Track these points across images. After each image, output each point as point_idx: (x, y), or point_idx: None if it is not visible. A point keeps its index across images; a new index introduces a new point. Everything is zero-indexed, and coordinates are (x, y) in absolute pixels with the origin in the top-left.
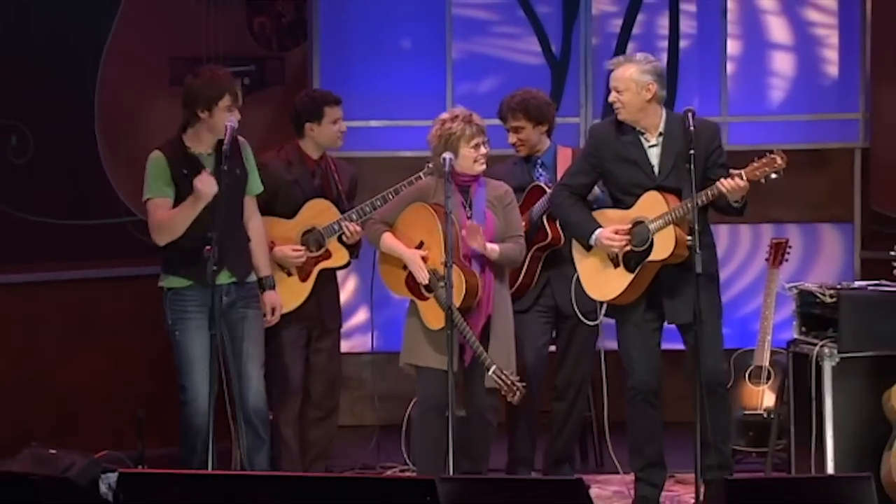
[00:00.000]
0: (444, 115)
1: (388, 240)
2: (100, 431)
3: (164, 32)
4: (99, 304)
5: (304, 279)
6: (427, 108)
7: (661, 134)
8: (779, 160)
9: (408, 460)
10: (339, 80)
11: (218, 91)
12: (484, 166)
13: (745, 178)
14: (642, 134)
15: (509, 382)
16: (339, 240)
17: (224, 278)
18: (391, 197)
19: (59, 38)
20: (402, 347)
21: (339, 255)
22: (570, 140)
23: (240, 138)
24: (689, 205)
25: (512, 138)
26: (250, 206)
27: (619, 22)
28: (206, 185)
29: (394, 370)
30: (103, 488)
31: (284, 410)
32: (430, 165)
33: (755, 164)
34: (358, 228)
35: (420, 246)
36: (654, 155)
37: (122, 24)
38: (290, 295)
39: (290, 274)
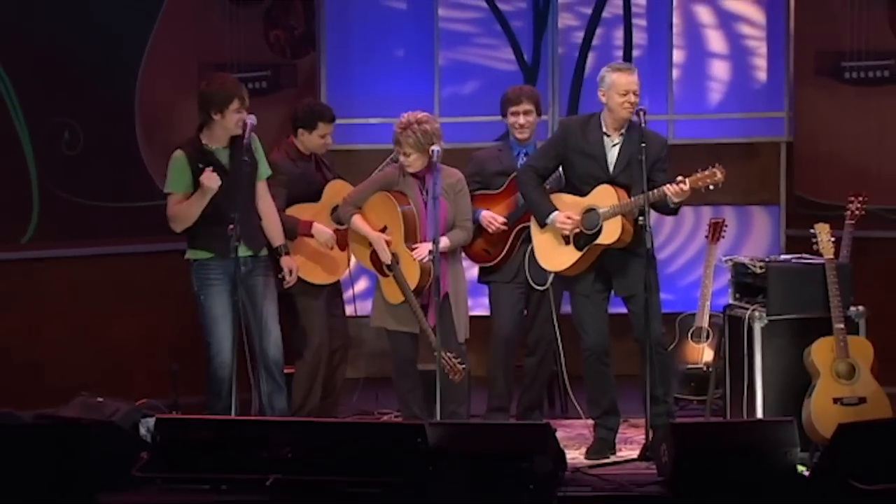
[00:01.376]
0: (402, 119)
1: (357, 221)
2: (140, 382)
3: (194, 43)
4: (137, 274)
5: (343, 249)
6: (418, 108)
7: (621, 135)
8: (718, 174)
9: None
10: (343, 83)
11: (228, 96)
12: (420, 166)
13: (688, 185)
14: (608, 135)
15: (452, 364)
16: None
17: (242, 251)
18: (375, 184)
19: (106, 47)
20: (372, 311)
21: None
22: (540, 135)
23: (252, 133)
24: (637, 200)
25: (521, 119)
26: (262, 189)
27: (581, 34)
28: (211, 180)
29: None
30: (143, 431)
31: (308, 364)
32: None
33: (698, 175)
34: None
35: (384, 230)
36: (612, 154)
37: (159, 36)
38: (334, 267)
39: (331, 248)
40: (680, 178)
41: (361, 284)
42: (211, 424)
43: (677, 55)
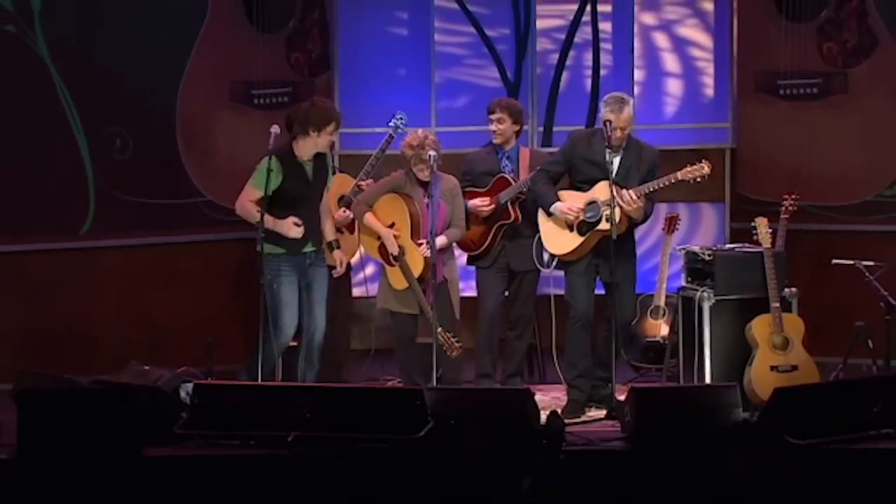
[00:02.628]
0: (408, 139)
1: (369, 218)
2: (180, 353)
3: (226, 63)
4: (178, 261)
5: (352, 232)
6: (417, 119)
7: (622, 149)
8: (706, 168)
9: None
10: (354, 98)
11: (328, 118)
12: (428, 175)
13: (679, 177)
14: (609, 148)
15: (450, 343)
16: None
17: (308, 247)
18: (374, 163)
19: (152, 67)
20: (378, 295)
21: None
22: (520, 141)
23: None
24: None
25: (493, 126)
26: (328, 193)
27: (556, 56)
28: (294, 231)
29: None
30: (183, 395)
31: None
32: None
33: (688, 168)
34: (369, 182)
35: (392, 226)
36: (615, 163)
37: (197, 57)
38: (349, 249)
39: (342, 232)
40: (672, 174)
41: (370, 269)
42: (241, 389)
43: (638, 74)
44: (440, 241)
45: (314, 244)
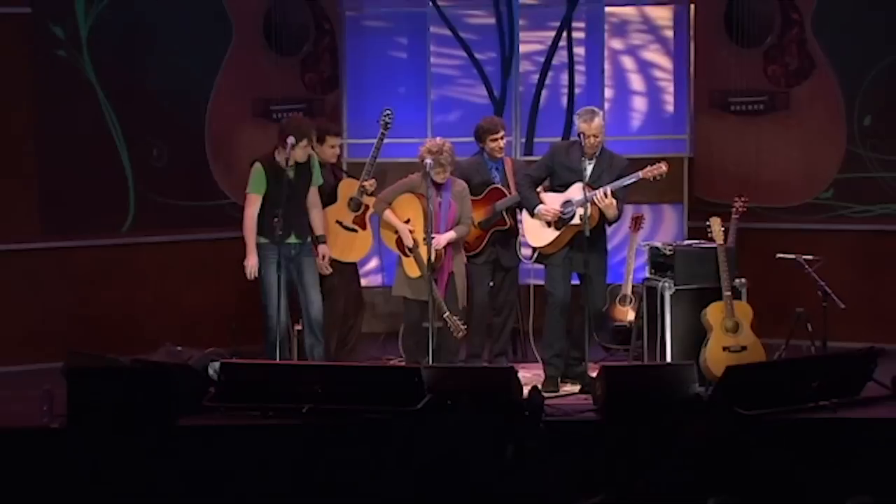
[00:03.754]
0: (428, 145)
1: (388, 214)
2: (208, 336)
3: (248, 83)
4: (206, 256)
5: (363, 227)
6: (415, 132)
7: (595, 157)
8: (664, 167)
9: (402, 355)
10: (359, 113)
11: (301, 133)
12: (445, 178)
13: (641, 175)
14: (585, 155)
15: (457, 325)
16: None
17: (292, 239)
18: (372, 161)
19: (184, 86)
20: (394, 283)
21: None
22: (507, 152)
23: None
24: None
25: (501, 143)
26: (313, 194)
27: (536, 76)
28: (249, 271)
29: (395, 298)
30: (211, 372)
31: (329, 319)
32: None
33: (649, 168)
34: (372, 182)
35: (408, 222)
36: (588, 169)
37: (223, 78)
38: (362, 245)
39: (356, 230)
40: (635, 173)
41: (372, 263)
42: (261, 367)
43: (608, 92)
44: (449, 235)
45: (298, 237)
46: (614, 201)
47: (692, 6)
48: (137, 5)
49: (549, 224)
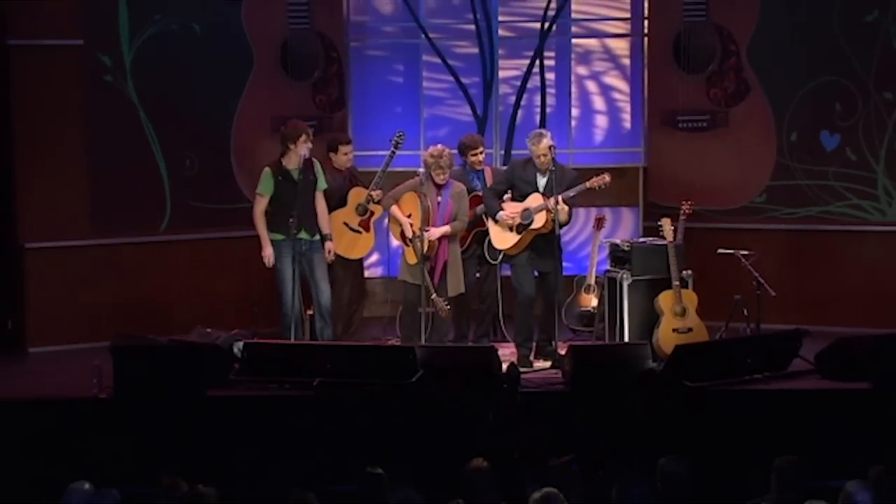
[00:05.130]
0: (430, 151)
1: (394, 210)
2: (233, 319)
3: (268, 102)
4: (231, 251)
5: (367, 230)
6: (409, 145)
7: (548, 171)
8: (607, 178)
9: (399, 336)
10: (362, 129)
11: (298, 133)
12: (446, 180)
13: (588, 184)
14: (538, 170)
15: (440, 306)
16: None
17: (304, 236)
18: (382, 176)
19: (213, 104)
20: (399, 269)
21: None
22: (487, 162)
23: (313, 159)
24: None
25: (481, 157)
26: (319, 197)
27: (513, 97)
28: (267, 261)
29: (393, 286)
30: (236, 350)
31: (337, 307)
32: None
33: (594, 179)
34: (378, 192)
35: (410, 216)
36: (541, 181)
37: (245, 100)
38: (365, 245)
39: (360, 232)
40: (582, 183)
41: (373, 258)
42: (278, 346)
43: (574, 111)
44: (443, 229)
45: (308, 233)
46: (566, 207)
47: (646, 38)
48: (173, 39)
49: (511, 229)
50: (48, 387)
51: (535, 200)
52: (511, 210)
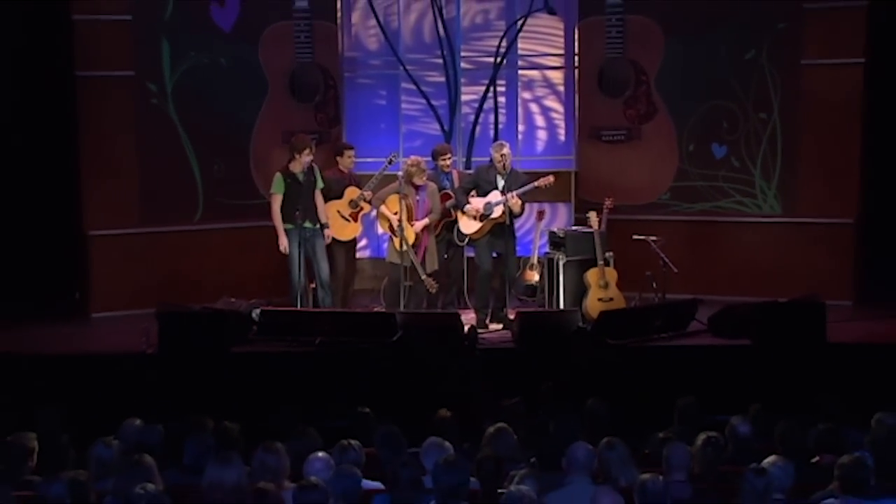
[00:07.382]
0: (410, 161)
1: (382, 208)
2: (253, 291)
3: (279, 119)
4: (251, 237)
5: (355, 221)
6: (393, 154)
7: (506, 174)
8: (552, 179)
9: (383, 304)
10: (354, 142)
11: (304, 145)
12: (423, 182)
13: (536, 184)
14: (499, 173)
15: (430, 283)
16: (357, 204)
17: (307, 225)
18: (375, 182)
19: (237, 120)
20: (387, 254)
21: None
22: (454, 166)
23: (314, 164)
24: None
25: (448, 162)
26: (318, 194)
27: (472, 116)
28: (283, 247)
29: (380, 265)
30: (254, 315)
31: (335, 283)
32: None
33: (542, 179)
34: (370, 193)
35: (396, 213)
36: (500, 182)
37: (262, 118)
38: (352, 230)
39: (349, 221)
40: (531, 183)
41: (363, 242)
42: (288, 312)
43: (521, 127)
44: (424, 221)
45: (310, 223)
46: (520, 202)
47: (577, 70)
48: (204, 70)
49: (475, 218)
50: (107, 344)
51: (494, 197)
52: (476, 203)
